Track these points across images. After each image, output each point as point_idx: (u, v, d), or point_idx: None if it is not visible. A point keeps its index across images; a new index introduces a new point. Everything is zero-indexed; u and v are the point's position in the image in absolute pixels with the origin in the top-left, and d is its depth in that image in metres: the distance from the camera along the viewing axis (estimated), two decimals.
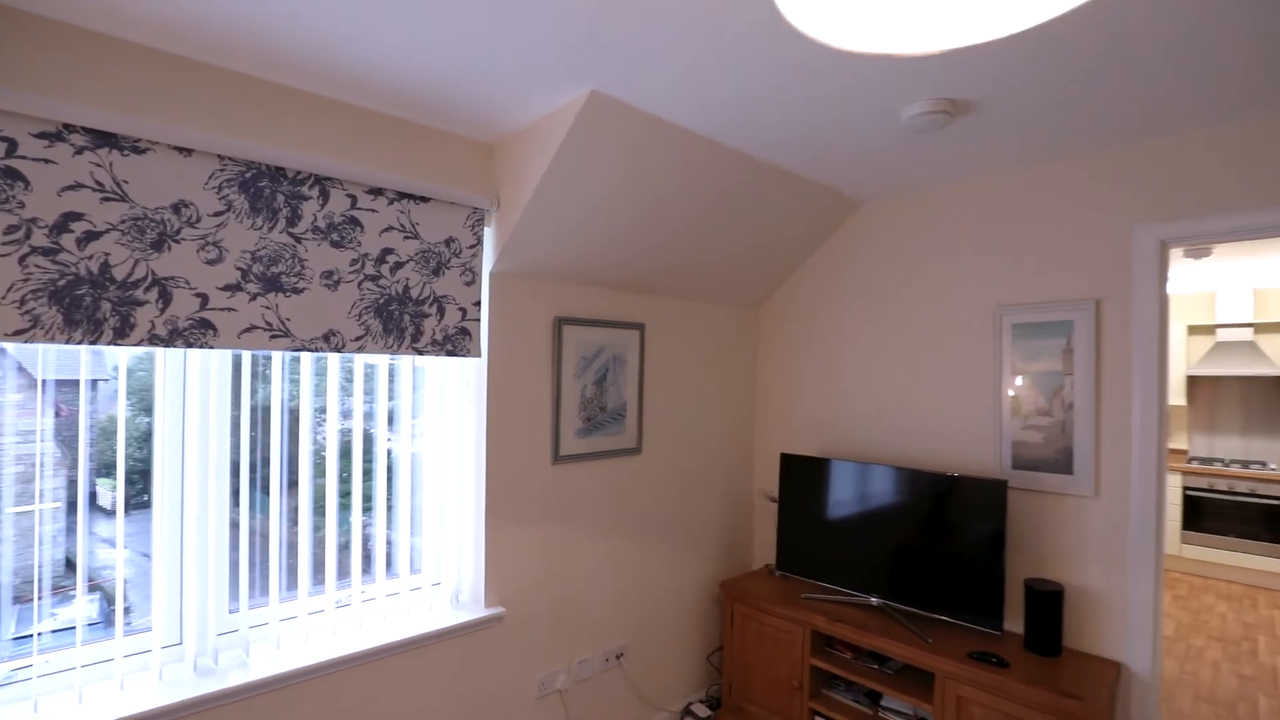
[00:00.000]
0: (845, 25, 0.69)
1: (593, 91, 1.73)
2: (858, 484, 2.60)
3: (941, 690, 2.13)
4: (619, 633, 2.62)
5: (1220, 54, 1.51)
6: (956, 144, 2.12)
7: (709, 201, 2.35)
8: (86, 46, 1.46)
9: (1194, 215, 2.00)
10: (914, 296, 2.67)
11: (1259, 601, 4.70)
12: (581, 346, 2.49)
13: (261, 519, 1.85)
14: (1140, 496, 2.08)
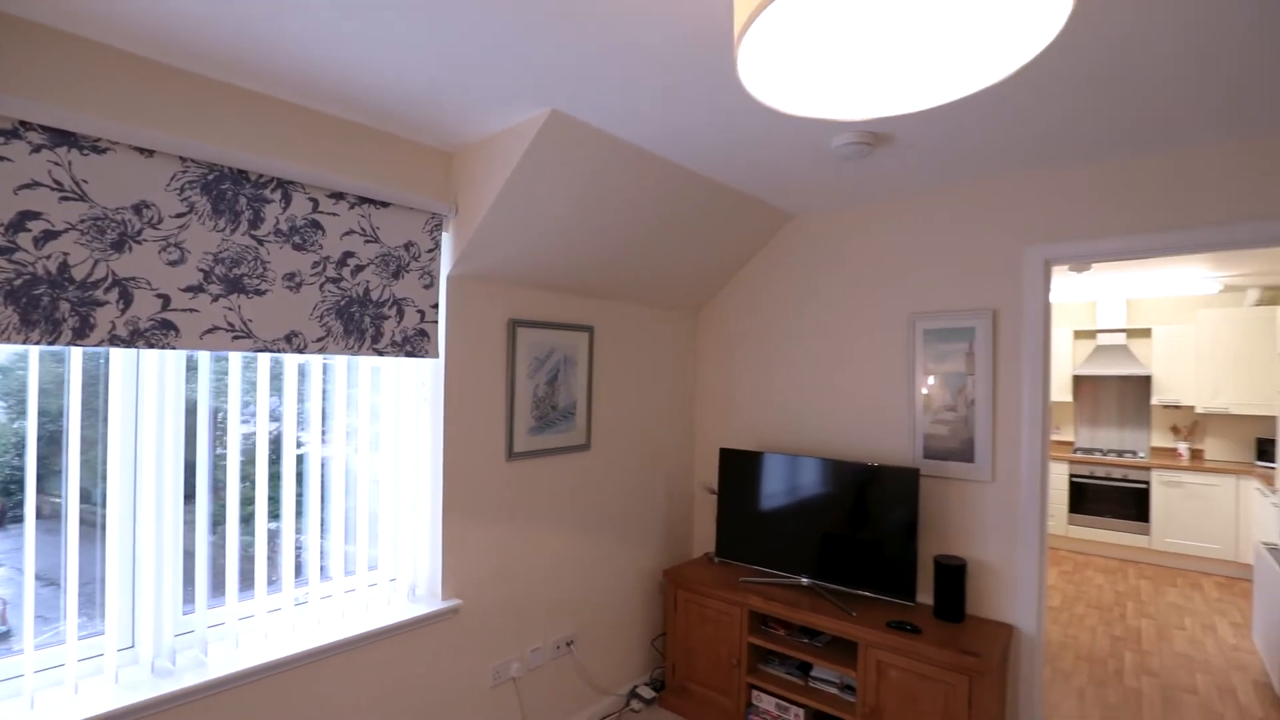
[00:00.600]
0: (792, 95, 0.86)
1: (553, 111, 1.85)
2: (789, 475, 2.83)
3: (864, 657, 2.38)
4: (569, 621, 2.74)
5: (1094, 101, 1.80)
6: (877, 170, 2.37)
7: (658, 213, 2.51)
8: (44, 44, 1.44)
9: (1074, 239, 2.33)
10: (839, 302, 2.93)
11: (1129, 573, 5.34)
12: (534, 348, 2.59)
13: (217, 519, 1.86)
14: (1028, 481, 2.40)
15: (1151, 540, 5.50)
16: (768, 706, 2.68)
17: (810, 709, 2.59)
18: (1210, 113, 1.83)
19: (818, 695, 2.55)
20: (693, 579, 2.91)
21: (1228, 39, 1.43)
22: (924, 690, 2.25)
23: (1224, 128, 1.94)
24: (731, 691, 2.77)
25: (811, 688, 2.60)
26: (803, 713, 2.58)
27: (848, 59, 0.79)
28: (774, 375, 3.17)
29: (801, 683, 2.64)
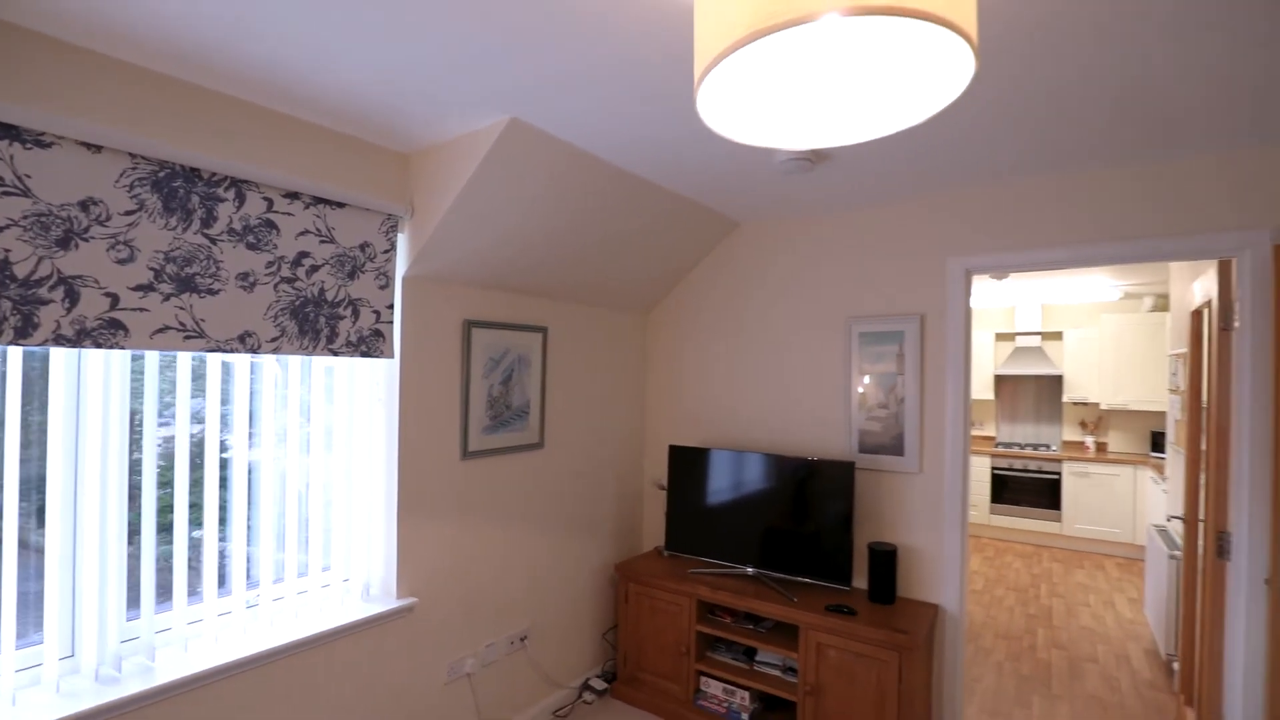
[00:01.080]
0: (741, 124, 0.96)
1: (513, 119, 1.90)
2: (734, 469, 2.97)
3: (805, 640, 2.54)
4: (523, 617, 2.79)
5: (1005, 132, 2.00)
6: (818, 184, 2.53)
7: (611, 218, 2.60)
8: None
9: (991, 251, 2.55)
10: (782, 306, 3.10)
11: (1043, 557, 5.78)
12: (489, 348, 2.63)
13: (163, 521, 1.83)
14: (951, 472, 2.61)
15: (1063, 526, 5.97)
16: (715, 691, 2.80)
17: (755, 691, 2.73)
18: (1101, 144, 2.06)
19: (762, 678, 2.69)
20: (643, 572, 3.01)
21: (1112, 80, 1.64)
22: (859, 668, 2.42)
23: (1115, 156, 2.18)
24: (681, 679, 2.88)
25: (756, 671, 2.75)
26: (748, 695, 2.72)
27: (791, 98, 0.90)
28: (720, 374, 3.30)
29: (747, 667, 2.78)
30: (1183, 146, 2.10)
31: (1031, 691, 3.28)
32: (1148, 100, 1.75)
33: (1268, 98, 1.72)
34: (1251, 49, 1.47)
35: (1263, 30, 1.39)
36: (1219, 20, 1.36)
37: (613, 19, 1.38)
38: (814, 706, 2.51)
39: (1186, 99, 1.74)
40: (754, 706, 2.72)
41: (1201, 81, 1.64)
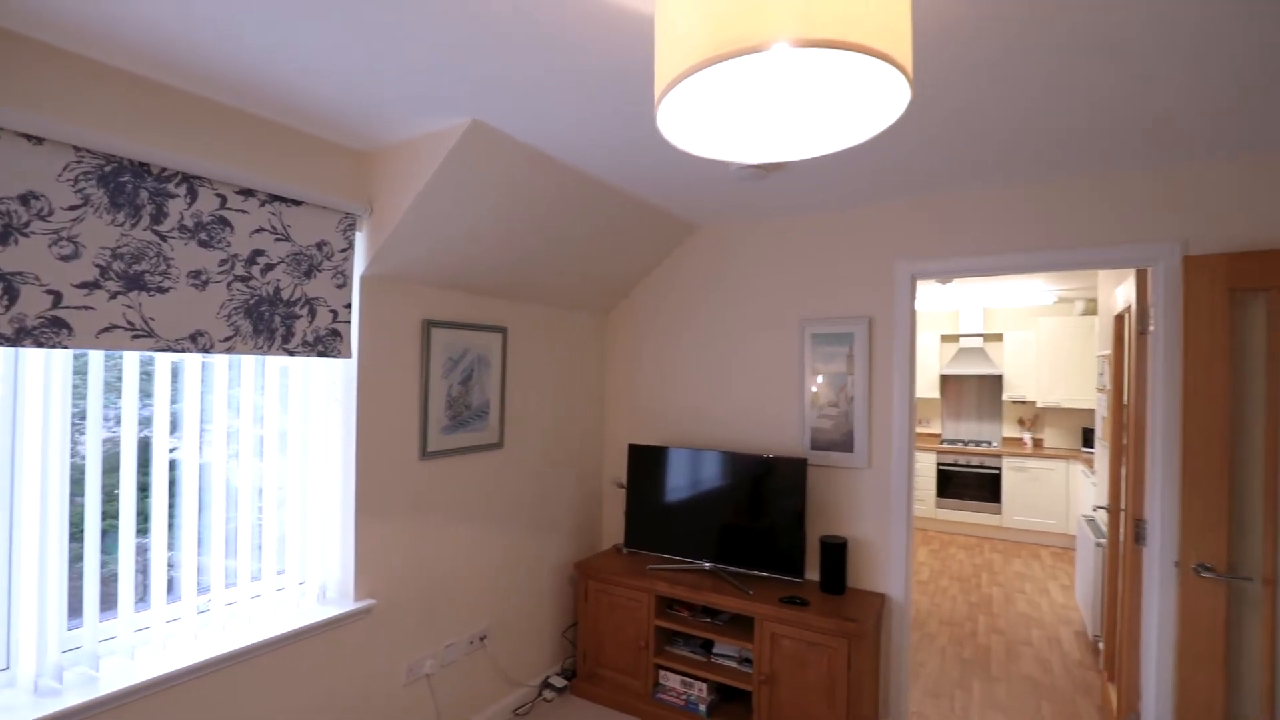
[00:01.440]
0: (699, 138, 1.02)
1: (475, 120, 1.92)
2: (692, 467, 3.04)
3: (760, 631, 2.62)
4: (482, 616, 2.79)
5: (944, 148, 2.11)
6: (772, 191, 2.62)
7: (572, 221, 2.63)
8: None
9: (935, 257, 2.69)
10: (738, 307, 3.18)
11: (984, 548, 6.07)
12: (448, 348, 2.62)
13: (107, 527, 1.77)
14: (897, 467, 2.74)
15: (1002, 519, 6.28)
16: (674, 684, 2.86)
17: (712, 683, 2.81)
18: (1034, 160, 2.20)
19: (719, 669, 2.77)
20: (602, 569, 3.05)
21: (1041, 104, 1.76)
22: (811, 656, 2.52)
23: (1047, 171, 2.33)
24: (640, 673, 2.93)
25: (713, 663, 2.82)
26: (705, 687, 2.79)
27: (745, 114, 0.96)
28: (679, 374, 3.37)
29: (704, 659, 2.85)
30: (1106, 164, 2.26)
31: (972, 675, 3.46)
32: (1072, 123, 1.89)
33: (1172, 124, 1.88)
34: (1152, 82, 1.61)
35: (1154, 65, 1.53)
36: (1118, 55, 1.48)
37: (574, 28, 1.41)
38: (769, 695, 2.60)
39: (1104, 122, 1.88)
40: (711, 698, 2.80)
41: (1114, 107, 1.77)
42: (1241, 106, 1.77)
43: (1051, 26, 1.38)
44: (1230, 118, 1.85)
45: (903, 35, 0.78)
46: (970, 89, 1.69)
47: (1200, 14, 1.33)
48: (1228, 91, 1.68)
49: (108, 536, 1.77)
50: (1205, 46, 1.46)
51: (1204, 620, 2.14)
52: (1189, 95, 1.71)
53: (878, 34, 0.72)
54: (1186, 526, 2.17)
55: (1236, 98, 1.72)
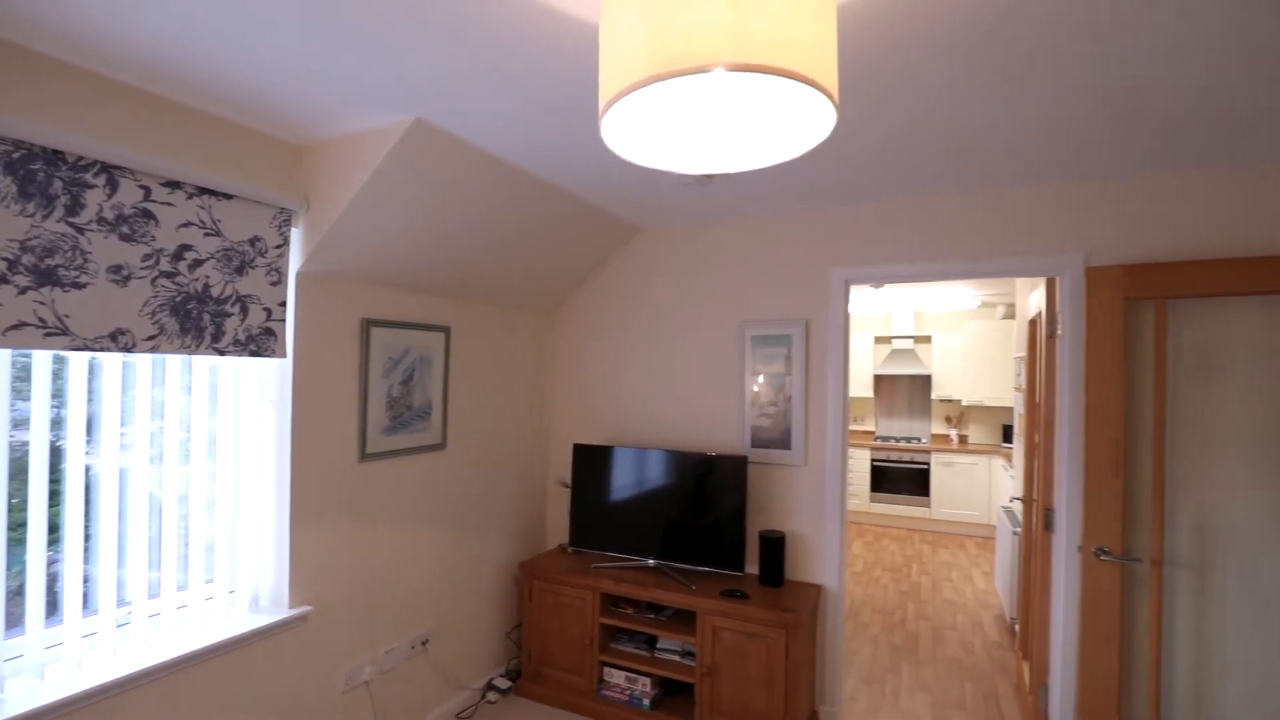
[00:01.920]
0: (641, 148, 1.06)
1: (418, 119, 1.90)
2: (637, 466, 3.08)
3: (702, 624, 2.69)
4: (424, 620, 2.75)
5: (876, 162, 2.23)
6: (714, 197, 2.69)
7: (517, 221, 2.63)
8: None
9: (867, 263, 2.83)
10: (682, 309, 3.25)
11: (915, 540, 6.38)
12: (388, 348, 2.58)
13: (14, 538, 1.66)
14: (831, 464, 2.87)
15: (931, 511, 6.62)
16: (618, 680, 2.90)
17: (656, 677, 2.86)
18: (957, 174, 2.35)
19: (663, 664, 2.82)
20: (547, 569, 3.06)
21: (965, 126, 1.89)
22: (751, 647, 2.60)
23: (970, 185, 2.49)
24: (585, 671, 2.95)
25: (657, 658, 2.87)
26: (649, 681, 2.84)
27: (686, 127, 1.01)
28: (623, 374, 3.41)
29: (648, 655, 2.90)
30: (1022, 180, 2.43)
31: (902, 659, 3.64)
32: (991, 142, 2.03)
33: (1079, 146, 2.05)
34: (1063, 107, 1.75)
35: (1060, 92, 1.67)
36: (1032, 81, 1.61)
37: (520, 31, 1.43)
38: (710, 686, 2.67)
39: (1020, 142, 2.03)
40: (655, 692, 2.85)
41: (1028, 129, 1.92)
42: (1136, 135, 1.95)
43: (974, 52, 1.49)
44: (1126, 144, 2.03)
45: (829, 63, 0.84)
46: (901, 110, 1.80)
47: (1097, 48, 1.46)
48: (1125, 120, 1.85)
49: (14, 549, 1.66)
50: (1103, 78, 1.60)
51: (1102, 598, 2.34)
52: (1092, 121, 1.87)
53: (806, 61, 0.78)
54: (1089, 514, 2.37)
55: (1132, 126, 1.89)
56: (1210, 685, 2.26)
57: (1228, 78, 1.59)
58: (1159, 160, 2.20)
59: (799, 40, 0.77)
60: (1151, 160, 2.20)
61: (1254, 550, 2.22)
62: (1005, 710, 3.09)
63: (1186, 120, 1.86)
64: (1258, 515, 2.21)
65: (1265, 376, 2.21)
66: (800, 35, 0.78)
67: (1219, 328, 2.28)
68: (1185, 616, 2.29)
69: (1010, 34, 1.41)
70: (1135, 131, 1.95)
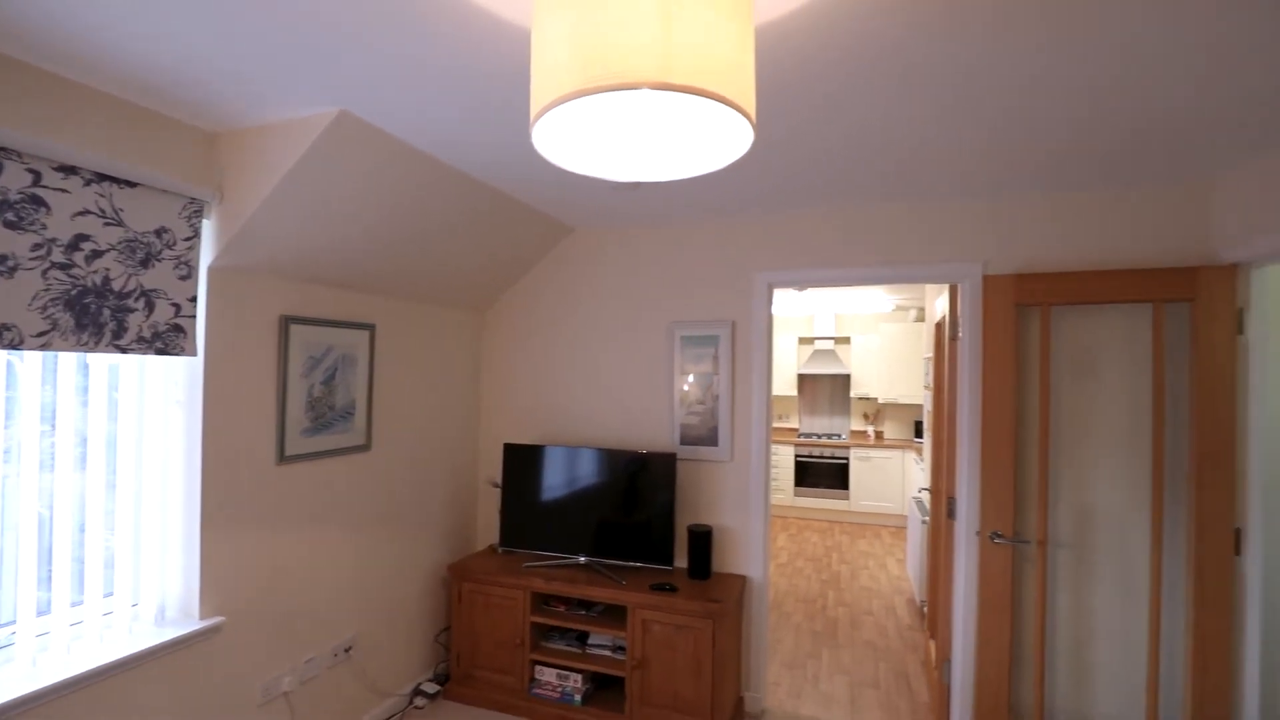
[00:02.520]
0: (572, 155, 1.09)
1: (343, 111, 1.85)
2: (568, 465, 3.11)
3: (632, 618, 2.75)
4: (348, 626, 2.67)
5: (796, 174, 2.35)
6: (644, 200, 2.75)
7: (446, 218, 2.59)
8: None
9: (788, 268, 2.97)
10: (613, 309, 3.30)
11: (835, 531, 6.70)
12: (309, 346, 2.49)
13: None
14: (756, 459, 2.99)
15: (850, 504, 6.97)
16: (549, 678, 2.91)
17: (588, 673, 2.89)
18: (873, 188, 2.51)
19: (594, 659, 2.86)
20: (477, 570, 3.03)
21: (877, 143, 2.03)
22: (679, 638, 2.68)
23: (884, 196, 2.66)
24: (516, 671, 2.95)
25: (589, 654, 2.91)
26: (580, 677, 2.87)
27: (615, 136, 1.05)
28: (556, 373, 3.42)
29: (580, 651, 2.93)
30: (929, 194, 2.63)
31: (822, 645, 3.83)
32: (900, 158, 2.19)
33: (977, 164, 2.24)
34: (963, 127, 1.92)
35: (960, 112, 1.83)
36: (934, 103, 1.76)
37: (450, 30, 1.43)
38: (640, 678, 2.73)
39: (927, 159, 2.20)
40: (586, 687, 2.88)
41: (930, 144, 2.09)
42: (1026, 158, 2.15)
43: (881, 78, 1.61)
44: (1018, 166, 2.24)
45: (747, 85, 0.90)
46: (818, 126, 1.91)
47: (990, 81, 1.61)
48: (1016, 145, 2.04)
49: None
50: (996, 108, 1.76)
51: (996, 577, 2.56)
52: (988, 144, 2.05)
53: (726, 83, 0.84)
54: (985, 502, 2.59)
55: (1022, 151, 2.09)
56: (1085, 649, 2.52)
57: (1101, 115, 1.79)
58: (1046, 181, 2.43)
59: (720, 64, 0.83)
60: (1040, 180, 2.43)
61: (1121, 529, 2.49)
62: (914, 686, 3.32)
63: (1067, 149, 2.07)
64: (1124, 499, 2.49)
65: (1129, 377, 2.49)
66: (721, 59, 0.84)
67: (1093, 333, 2.54)
68: (1065, 590, 2.55)
69: (915, 61, 1.53)
70: (1025, 155, 2.15)
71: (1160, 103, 1.74)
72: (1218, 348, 2.30)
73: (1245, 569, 2.28)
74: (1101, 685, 2.50)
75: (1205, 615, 2.30)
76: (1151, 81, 1.62)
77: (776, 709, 3.06)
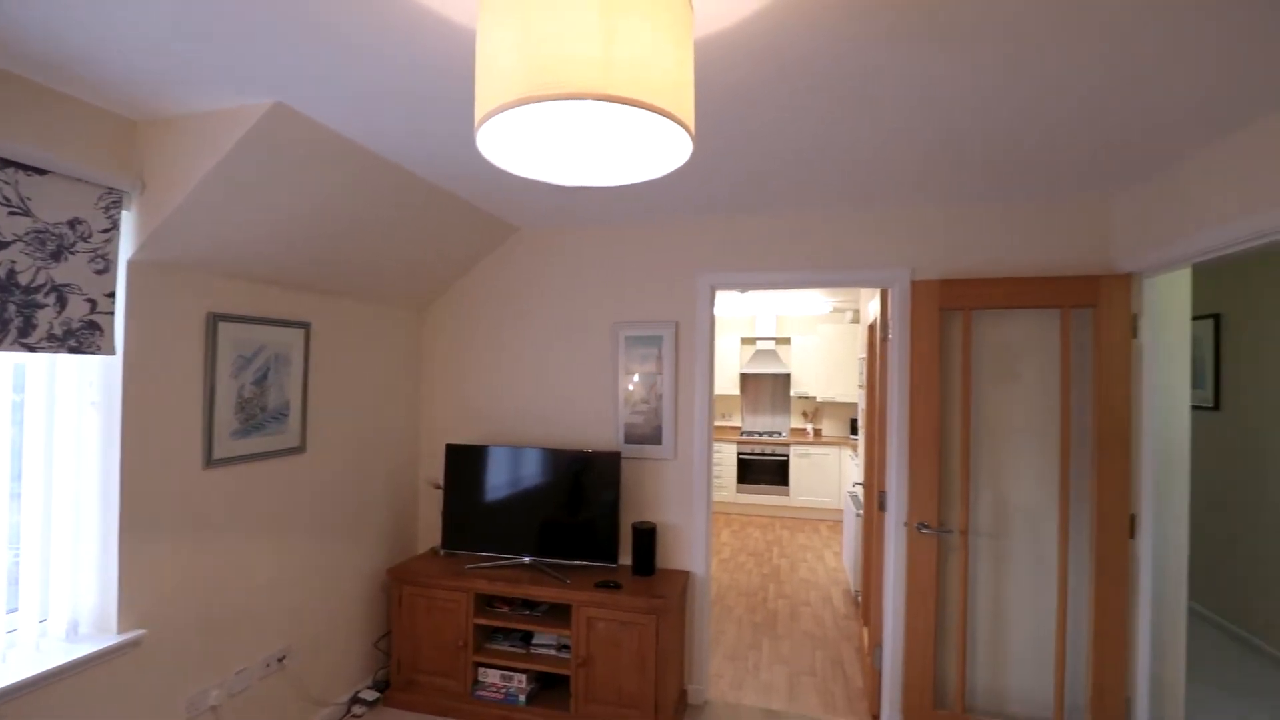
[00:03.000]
0: (515, 158, 1.11)
1: (278, 103, 1.79)
2: (513, 465, 3.10)
3: (577, 616, 2.76)
4: (281, 635, 2.58)
5: (747, 180, 2.43)
6: (588, 201, 2.77)
7: (386, 215, 2.54)
8: None
9: (730, 270, 3.05)
10: (558, 309, 3.31)
11: (776, 526, 6.90)
12: (239, 345, 2.39)
13: None
14: (699, 457, 3.06)
15: (790, 499, 7.18)
16: (493, 680, 2.90)
17: (532, 673, 2.89)
18: (810, 196, 2.62)
19: (539, 659, 2.86)
20: (418, 573, 2.98)
21: (812, 155, 2.12)
22: (624, 634, 2.72)
23: (819, 204, 2.77)
24: (458, 674, 2.92)
25: (533, 654, 2.91)
26: (525, 678, 2.86)
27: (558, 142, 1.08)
28: (500, 372, 3.40)
29: (524, 651, 2.92)
30: (861, 202, 2.75)
31: (762, 636, 3.95)
32: (834, 168, 2.29)
33: (905, 175, 2.37)
34: (890, 140, 2.03)
35: (888, 124, 1.94)
36: (867, 118, 1.86)
37: (390, 25, 1.41)
38: (585, 676, 2.75)
39: (859, 170, 2.31)
40: (531, 687, 2.88)
41: (863, 155, 2.20)
42: (951, 170, 2.29)
43: (815, 91, 1.69)
44: (943, 176, 2.38)
45: (686, 97, 0.94)
46: (755, 136, 1.98)
47: (916, 93, 1.72)
48: (940, 158, 2.17)
49: None
50: (922, 122, 1.88)
51: (923, 565, 2.71)
52: (914, 156, 2.17)
53: (665, 96, 0.87)
54: (913, 494, 2.73)
55: (945, 163, 2.22)
56: (1002, 630, 2.71)
57: (1014, 134, 1.93)
58: (969, 192, 2.59)
59: (660, 77, 0.87)
60: (964, 192, 2.59)
61: (1034, 517, 2.68)
62: (849, 672, 3.47)
63: (985, 163, 2.22)
64: (1036, 489, 2.68)
65: (1042, 377, 2.68)
66: (661, 72, 0.87)
67: (1010, 335, 2.73)
68: (985, 576, 2.72)
69: (847, 79, 1.62)
70: (948, 168, 2.29)
71: (1063, 126, 1.90)
72: (1115, 350, 2.51)
73: (1139, 550, 2.51)
74: (1016, 662, 2.69)
75: (1105, 592, 2.51)
76: (1055, 105, 1.76)
77: (719, 700, 3.14)
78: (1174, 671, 2.57)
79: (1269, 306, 3.71)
